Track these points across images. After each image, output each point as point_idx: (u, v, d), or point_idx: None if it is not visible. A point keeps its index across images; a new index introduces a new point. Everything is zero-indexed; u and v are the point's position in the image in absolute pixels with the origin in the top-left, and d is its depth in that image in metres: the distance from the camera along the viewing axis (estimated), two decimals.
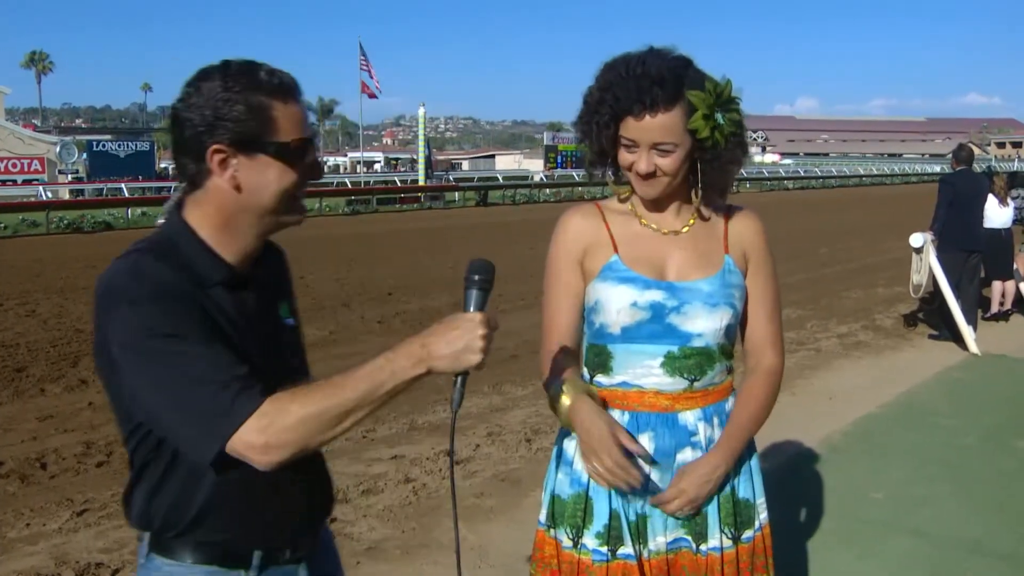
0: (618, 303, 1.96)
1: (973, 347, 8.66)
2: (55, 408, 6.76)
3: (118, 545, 4.37)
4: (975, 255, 9.23)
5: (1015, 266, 10.42)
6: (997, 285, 10.36)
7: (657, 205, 2.04)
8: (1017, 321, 10.38)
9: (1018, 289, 10.51)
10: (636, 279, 1.97)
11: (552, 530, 2.03)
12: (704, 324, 1.98)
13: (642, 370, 1.98)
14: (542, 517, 2.09)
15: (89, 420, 6.47)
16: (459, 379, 1.59)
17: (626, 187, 2.06)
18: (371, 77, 37.44)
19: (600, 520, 1.96)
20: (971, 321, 8.91)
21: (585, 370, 2.08)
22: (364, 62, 37.20)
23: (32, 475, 5.39)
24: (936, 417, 6.54)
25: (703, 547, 2.01)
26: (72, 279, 13.89)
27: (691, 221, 2.06)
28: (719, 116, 1.90)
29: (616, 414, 1.98)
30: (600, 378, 2.05)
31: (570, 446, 2.03)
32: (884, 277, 13.65)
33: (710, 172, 1.97)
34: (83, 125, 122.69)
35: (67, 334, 9.42)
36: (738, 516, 2.06)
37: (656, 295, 1.96)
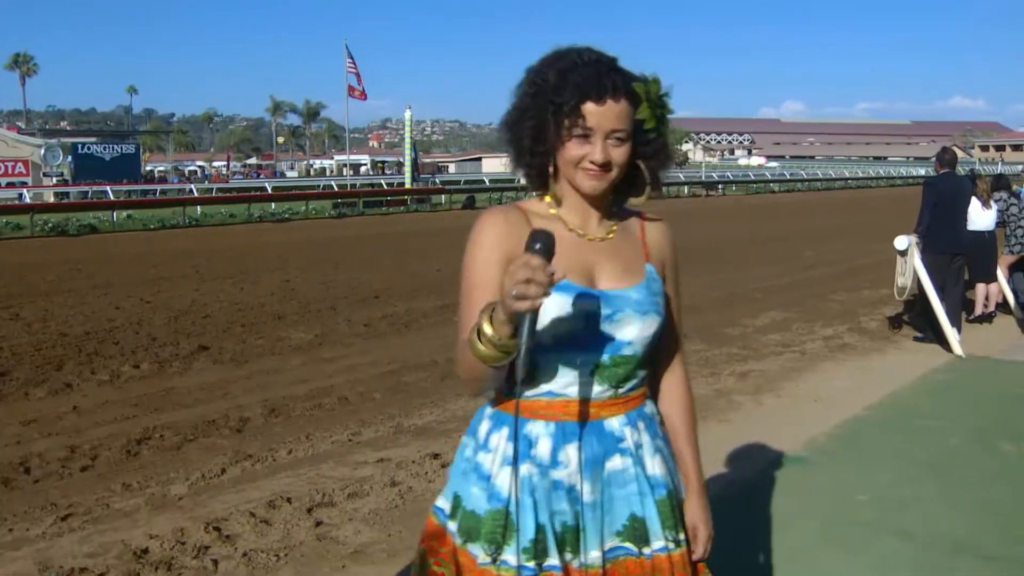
0: (549, 312, 1.85)
1: (957, 349, 8.70)
2: (39, 412, 6.72)
3: (103, 550, 4.34)
4: (959, 257, 9.28)
5: (999, 269, 10.48)
6: (981, 287, 10.41)
7: (584, 210, 1.99)
8: (1001, 323, 10.43)
9: (1002, 291, 10.57)
10: (568, 287, 1.87)
11: (467, 544, 1.92)
12: (635, 332, 1.94)
13: (570, 379, 1.91)
14: (452, 527, 1.97)
15: (74, 424, 6.44)
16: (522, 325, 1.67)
17: (554, 190, 2.00)
18: (357, 80, 37.35)
19: (526, 535, 1.87)
20: (955, 323, 8.96)
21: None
22: (351, 64, 37.11)
23: (15, 480, 5.35)
24: (921, 419, 6.56)
25: (646, 550, 1.97)
26: (57, 282, 13.82)
27: (613, 228, 2.03)
28: (659, 109, 1.91)
29: (539, 425, 1.92)
30: (519, 389, 1.90)
31: (486, 459, 1.95)
32: (869, 279, 13.71)
33: (653, 166, 1.96)
34: (68, 127, 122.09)
35: (51, 338, 9.37)
36: (677, 519, 2.03)
37: (589, 303, 1.90)
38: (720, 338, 9.42)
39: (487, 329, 1.70)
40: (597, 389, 1.94)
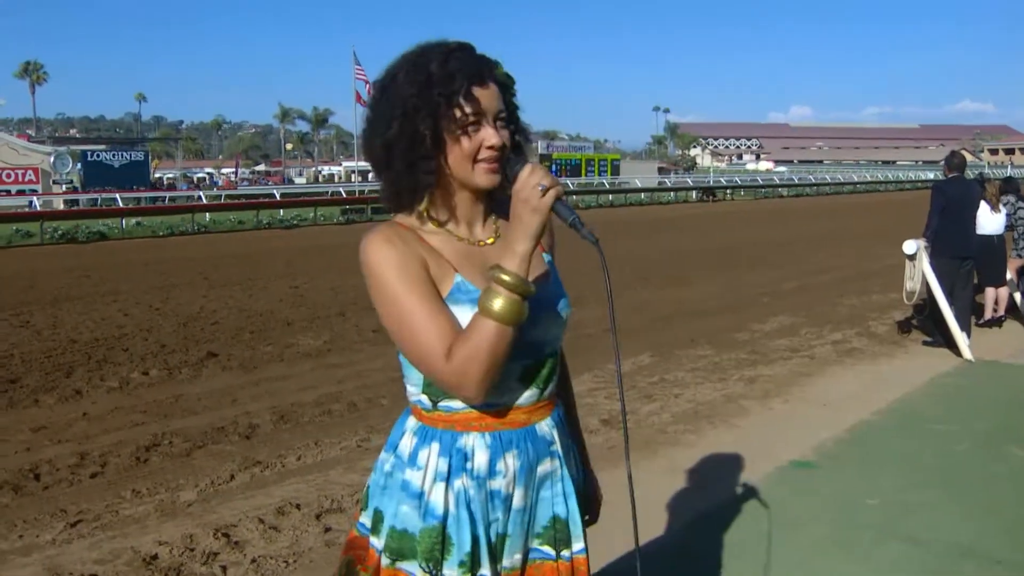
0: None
1: (967, 353, 8.68)
2: (49, 419, 6.75)
3: (112, 556, 4.36)
4: (968, 262, 9.26)
5: (1008, 273, 10.45)
6: (990, 291, 10.38)
7: (469, 216, 1.91)
8: (1010, 327, 10.40)
9: (1011, 295, 10.54)
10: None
11: (399, 563, 1.85)
12: (555, 331, 1.91)
13: (501, 389, 1.83)
14: (377, 544, 1.90)
15: (83, 431, 6.46)
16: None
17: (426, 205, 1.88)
18: (366, 87, 37.40)
19: (462, 549, 1.82)
20: (964, 327, 8.94)
21: (424, 397, 1.89)
22: (359, 71, 37.21)
23: (25, 486, 5.38)
24: (930, 423, 6.55)
25: (565, 553, 1.95)
26: (66, 289, 13.87)
27: (496, 226, 1.96)
28: (514, 87, 1.90)
29: (473, 437, 1.85)
30: (448, 403, 1.86)
31: (415, 476, 1.85)
32: (878, 284, 13.68)
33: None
34: (77, 135, 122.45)
35: (61, 344, 9.41)
36: (584, 516, 2.03)
37: None
38: (728, 343, 9.41)
39: (505, 278, 1.68)
40: (527, 394, 1.89)
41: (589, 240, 1.74)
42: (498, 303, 1.69)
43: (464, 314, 1.78)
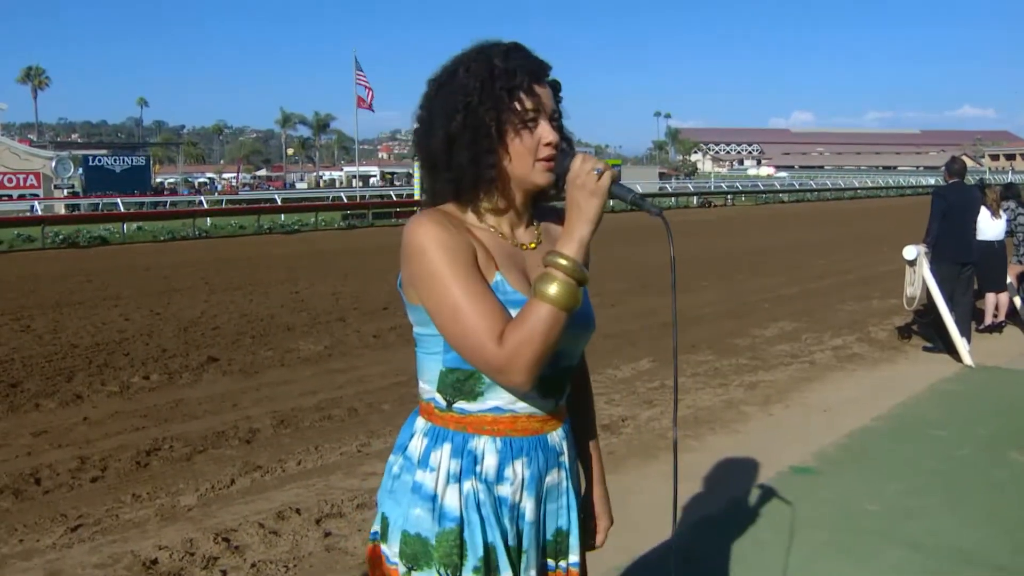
0: None
1: (967, 359, 8.67)
2: (49, 423, 6.76)
3: (112, 560, 4.36)
4: (968, 267, 9.27)
5: (1008, 278, 10.46)
6: (990, 297, 10.39)
7: (513, 218, 1.91)
8: (1011, 333, 10.40)
9: (1011, 301, 10.55)
10: (522, 302, 1.77)
11: (415, 572, 1.81)
12: (578, 344, 1.92)
13: (518, 394, 1.82)
14: (390, 553, 1.86)
15: (84, 435, 6.46)
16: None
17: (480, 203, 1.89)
18: (367, 91, 37.44)
19: (476, 554, 1.79)
20: (965, 333, 8.94)
21: (438, 396, 1.86)
22: (360, 76, 37.23)
23: (26, 490, 5.38)
24: (930, 429, 6.55)
25: (563, 563, 1.96)
26: (67, 294, 13.89)
27: (538, 232, 1.96)
28: (560, 92, 1.91)
29: (484, 440, 1.83)
30: (463, 404, 1.84)
31: (428, 478, 1.83)
32: (878, 289, 13.68)
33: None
34: (79, 140, 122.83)
35: (62, 349, 9.42)
36: (583, 529, 2.03)
37: None
38: (729, 349, 9.41)
39: (563, 262, 1.69)
40: (543, 403, 1.88)
41: (654, 213, 1.78)
42: (554, 288, 1.67)
43: None
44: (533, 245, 1.93)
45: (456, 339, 1.76)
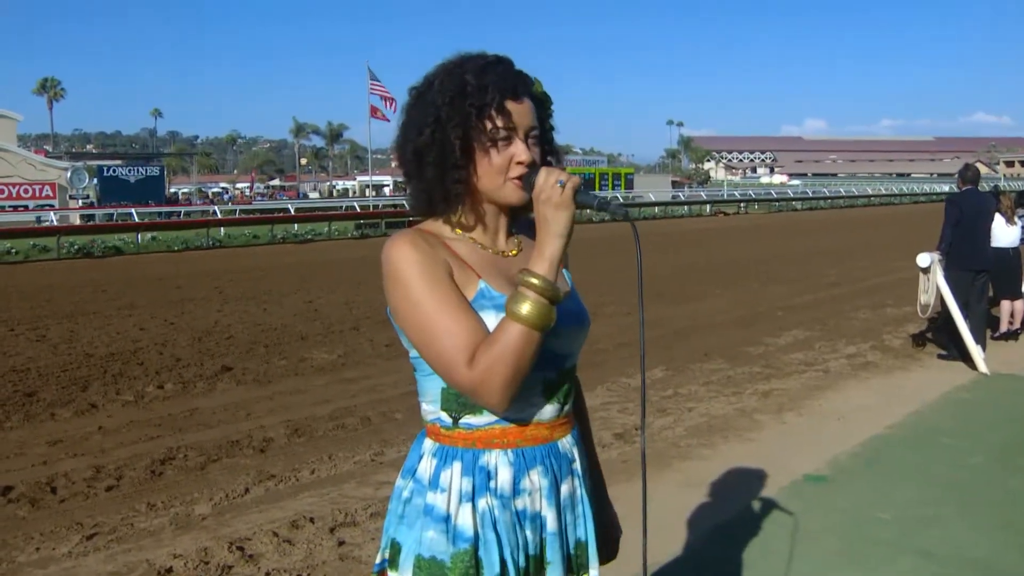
0: None
1: (982, 367, 8.64)
2: (65, 432, 6.80)
3: (127, 569, 4.39)
4: (982, 274, 9.24)
5: (1023, 285, 10.41)
6: (1006, 304, 10.34)
7: (494, 230, 1.90)
8: None
9: None
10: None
11: None
12: (575, 344, 1.89)
13: (523, 403, 1.79)
14: None
15: (99, 444, 6.50)
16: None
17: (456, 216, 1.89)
18: (385, 101, 37.44)
19: (491, 572, 1.75)
20: (980, 340, 8.90)
21: (443, 415, 1.83)
22: (373, 86, 37.32)
23: (42, 499, 5.41)
24: (944, 437, 6.53)
25: None
26: (82, 304, 13.96)
27: (518, 241, 1.94)
28: (550, 106, 1.90)
29: (495, 454, 1.80)
30: (469, 419, 1.80)
31: (439, 499, 1.79)
32: (893, 297, 13.64)
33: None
34: (94, 151, 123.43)
35: (77, 359, 9.47)
36: (599, 540, 2.00)
37: None
38: (742, 357, 9.40)
39: (534, 281, 1.66)
40: (549, 409, 1.85)
41: (619, 216, 1.76)
42: (526, 307, 1.65)
43: (488, 320, 1.74)
44: (514, 252, 1.92)
45: (430, 361, 1.76)
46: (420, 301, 1.73)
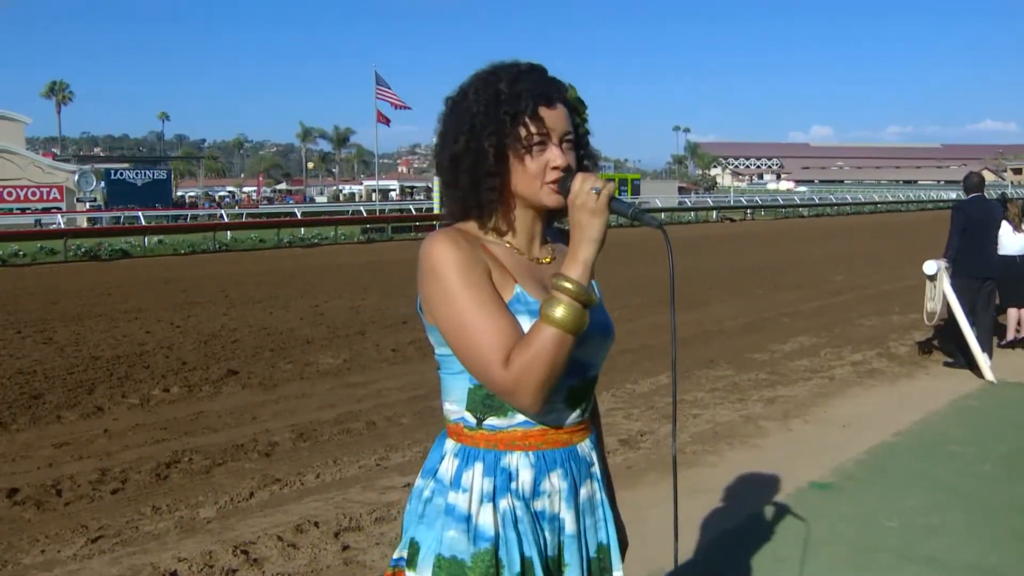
0: None
1: (988, 375, 8.61)
2: (71, 435, 6.81)
3: (132, 572, 4.39)
4: (989, 282, 9.21)
5: None
6: (1012, 312, 10.32)
7: (528, 236, 1.93)
8: None
9: None
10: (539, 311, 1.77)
11: None
12: (600, 354, 1.93)
13: (547, 407, 1.80)
14: None
15: (104, 447, 6.51)
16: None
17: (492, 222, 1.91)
18: (392, 105, 37.47)
19: (512, 571, 1.77)
20: (986, 348, 8.88)
21: (468, 415, 1.85)
22: (380, 91, 37.36)
23: (47, 501, 5.42)
24: (951, 445, 6.51)
25: None
26: (89, 307, 13.99)
27: (552, 249, 1.98)
28: (585, 111, 1.93)
29: (517, 456, 1.83)
30: (493, 421, 1.83)
31: (461, 499, 1.81)
32: (899, 304, 13.62)
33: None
34: (101, 154, 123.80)
35: (83, 361, 9.49)
36: (620, 543, 2.03)
37: None
38: (748, 363, 9.39)
39: (568, 285, 1.69)
40: (571, 414, 1.88)
41: (653, 226, 1.80)
42: (560, 311, 1.68)
43: (523, 325, 1.76)
44: (548, 260, 1.95)
45: (465, 359, 1.79)
46: (458, 298, 1.76)
